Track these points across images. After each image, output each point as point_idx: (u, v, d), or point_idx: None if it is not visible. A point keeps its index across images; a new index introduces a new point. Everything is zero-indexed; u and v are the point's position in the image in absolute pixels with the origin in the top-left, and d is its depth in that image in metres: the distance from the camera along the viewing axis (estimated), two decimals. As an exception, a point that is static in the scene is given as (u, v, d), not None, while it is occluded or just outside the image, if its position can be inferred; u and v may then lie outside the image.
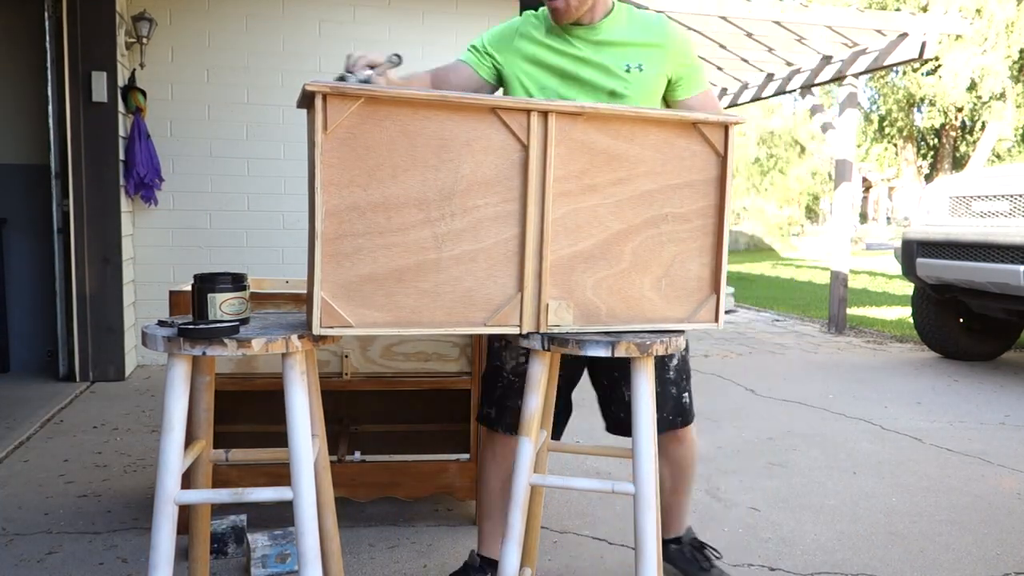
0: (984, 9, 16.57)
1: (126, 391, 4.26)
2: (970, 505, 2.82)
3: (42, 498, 2.69)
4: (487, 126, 1.45)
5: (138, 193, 4.62)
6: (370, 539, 2.41)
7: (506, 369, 1.96)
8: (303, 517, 1.46)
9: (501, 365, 1.97)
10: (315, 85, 1.36)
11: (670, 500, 2.14)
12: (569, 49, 1.88)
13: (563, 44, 1.89)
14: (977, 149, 20.05)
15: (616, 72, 1.86)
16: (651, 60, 1.88)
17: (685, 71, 1.92)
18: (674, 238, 1.58)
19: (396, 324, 1.46)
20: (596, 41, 1.88)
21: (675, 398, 2.00)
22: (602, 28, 1.88)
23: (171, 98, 4.77)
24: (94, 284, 4.41)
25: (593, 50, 1.88)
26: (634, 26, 1.91)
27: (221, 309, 1.50)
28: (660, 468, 2.04)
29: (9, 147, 4.56)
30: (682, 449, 2.08)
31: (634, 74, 1.87)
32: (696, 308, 1.61)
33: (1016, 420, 4.06)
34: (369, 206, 1.41)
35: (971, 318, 5.68)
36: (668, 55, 1.88)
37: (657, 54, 1.88)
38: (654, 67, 1.88)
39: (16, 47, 4.51)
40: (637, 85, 1.86)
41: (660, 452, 2.02)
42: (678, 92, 1.93)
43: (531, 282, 1.50)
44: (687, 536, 2.19)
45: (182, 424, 1.45)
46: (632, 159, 1.54)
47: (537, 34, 1.91)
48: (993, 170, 5.59)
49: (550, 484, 1.65)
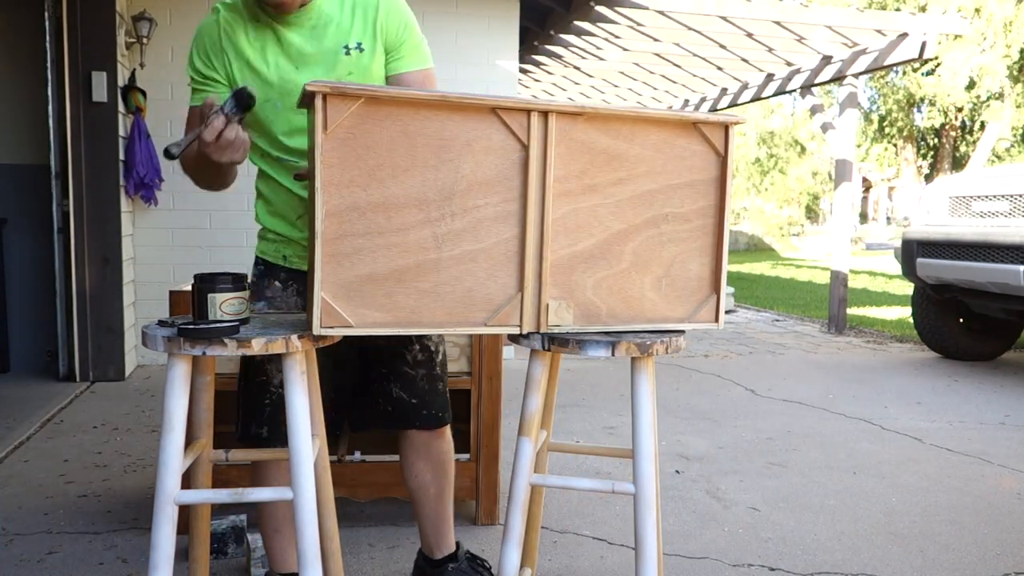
0: (983, 8, 16.57)
1: (126, 391, 4.26)
2: (970, 505, 2.82)
3: (42, 498, 2.68)
4: (487, 126, 1.45)
5: (138, 193, 4.62)
6: (370, 539, 2.41)
7: (273, 384, 1.77)
8: (303, 517, 1.46)
9: (268, 380, 1.77)
10: (315, 85, 1.36)
11: (437, 508, 1.99)
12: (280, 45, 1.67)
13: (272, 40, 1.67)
14: (977, 149, 20.05)
15: (336, 61, 1.67)
16: (367, 34, 1.69)
17: (397, 39, 1.71)
18: (674, 238, 1.58)
19: (396, 324, 1.46)
20: (311, 26, 1.68)
21: (443, 393, 1.95)
22: (313, 7, 1.66)
23: (171, 98, 4.77)
24: (94, 284, 4.41)
25: (308, 38, 1.67)
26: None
27: (221, 309, 1.50)
28: (421, 472, 1.96)
29: (9, 147, 4.56)
30: (444, 445, 1.98)
31: (354, 56, 1.68)
32: (696, 308, 1.61)
33: (1016, 420, 4.06)
34: (369, 206, 1.41)
35: (971, 318, 5.68)
36: (379, 20, 1.69)
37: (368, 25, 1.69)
38: (370, 41, 1.69)
39: (16, 47, 4.51)
40: (361, 69, 1.69)
41: (422, 453, 1.95)
42: (391, 64, 1.73)
43: (531, 282, 1.50)
44: (462, 551, 2.05)
45: (182, 424, 1.45)
46: (632, 159, 1.54)
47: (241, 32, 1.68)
48: (993, 170, 5.58)
49: (550, 484, 1.65)
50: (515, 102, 1.46)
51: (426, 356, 1.91)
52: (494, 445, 2.48)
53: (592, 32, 6.54)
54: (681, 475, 3.05)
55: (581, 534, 2.51)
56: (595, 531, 2.53)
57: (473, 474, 2.48)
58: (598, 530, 2.53)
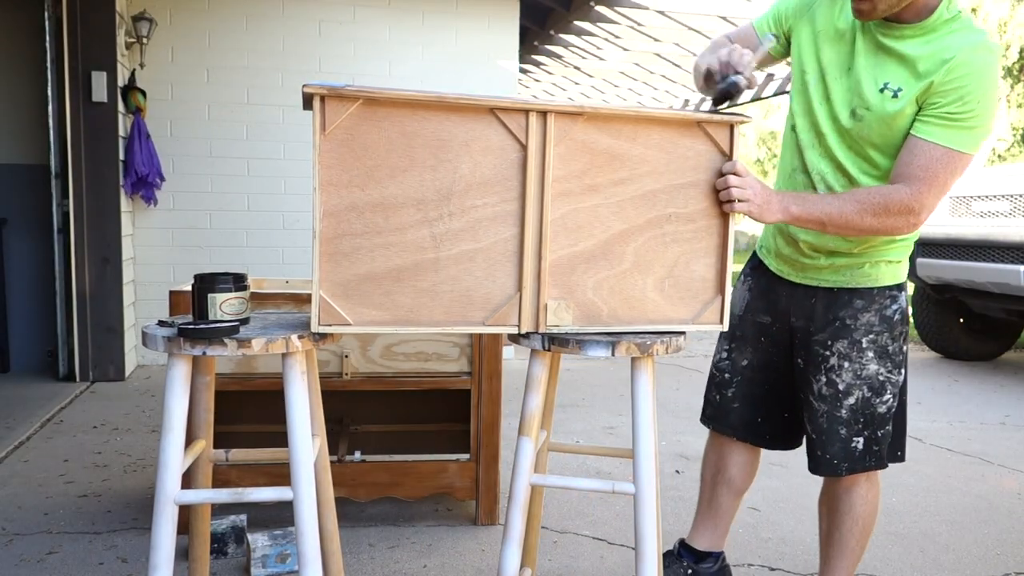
0: (980, 8, 16.58)
1: (126, 391, 4.26)
2: (970, 505, 2.82)
3: (42, 498, 2.68)
4: (485, 126, 1.45)
5: (138, 193, 4.62)
6: (370, 539, 2.41)
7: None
8: (303, 517, 1.46)
9: None
10: (313, 87, 1.36)
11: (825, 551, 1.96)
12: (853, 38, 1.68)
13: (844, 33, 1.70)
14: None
15: (864, 90, 1.66)
16: (911, 86, 1.62)
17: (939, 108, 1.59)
18: (678, 238, 1.58)
19: (394, 323, 1.46)
20: (878, 44, 1.66)
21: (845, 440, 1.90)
22: (907, 32, 1.63)
23: (171, 98, 4.77)
24: (94, 284, 4.40)
25: (867, 53, 1.67)
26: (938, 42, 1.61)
27: (221, 309, 1.50)
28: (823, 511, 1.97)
29: (9, 147, 4.56)
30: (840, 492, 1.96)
31: (885, 97, 1.64)
32: (701, 309, 1.61)
33: (1016, 420, 4.06)
34: (367, 206, 1.42)
35: (971, 318, 5.68)
36: (933, 85, 1.59)
37: (922, 84, 1.60)
38: (907, 96, 1.62)
39: (16, 47, 4.51)
40: (878, 110, 1.64)
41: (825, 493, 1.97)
42: (918, 125, 1.62)
43: (530, 282, 1.50)
44: None
45: (182, 424, 1.45)
46: (634, 159, 1.53)
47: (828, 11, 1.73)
48: (993, 170, 5.58)
49: (550, 484, 1.65)
50: (513, 102, 1.46)
51: (831, 392, 1.82)
52: (494, 445, 2.48)
53: (592, 32, 6.55)
54: (681, 475, 3.05)
55: (581, 534, 2.50)
56: (595, 531, 2.53)
57: (473, 474, 2.48)
58: (598, 530, 2.53)
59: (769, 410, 1.98)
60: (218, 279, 1.51)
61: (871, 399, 1.80)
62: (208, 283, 1.50)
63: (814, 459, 1.87)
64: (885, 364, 1.80)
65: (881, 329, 1.80)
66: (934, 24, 1.62)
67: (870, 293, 1.80)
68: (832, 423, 1.81)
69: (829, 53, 1.73)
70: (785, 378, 1.93)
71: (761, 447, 2.04)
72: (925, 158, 1.61)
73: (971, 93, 1.57)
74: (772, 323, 1.91)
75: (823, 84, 1.73)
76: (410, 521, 2.55)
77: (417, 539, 2.42)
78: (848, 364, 1.80)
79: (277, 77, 4.89)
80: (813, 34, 1.76)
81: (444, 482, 2.47)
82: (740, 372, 1.98)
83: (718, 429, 2.04)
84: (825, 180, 1.75)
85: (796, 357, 1.89)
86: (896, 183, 1.65)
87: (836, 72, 1.72)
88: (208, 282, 1.50)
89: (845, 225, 1.64)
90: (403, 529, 2.49)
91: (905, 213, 1.62)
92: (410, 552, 2.33)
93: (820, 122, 1.74)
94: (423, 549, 2.35)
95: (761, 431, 1.99)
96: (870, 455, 1.82)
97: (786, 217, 1.64)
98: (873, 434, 1.82)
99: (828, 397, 1.82)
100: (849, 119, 1.69)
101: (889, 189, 1.64)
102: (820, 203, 1.64)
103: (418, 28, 5.03)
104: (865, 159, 1.71)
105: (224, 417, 2.39)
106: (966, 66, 1.57)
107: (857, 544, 1.89)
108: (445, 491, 2.48)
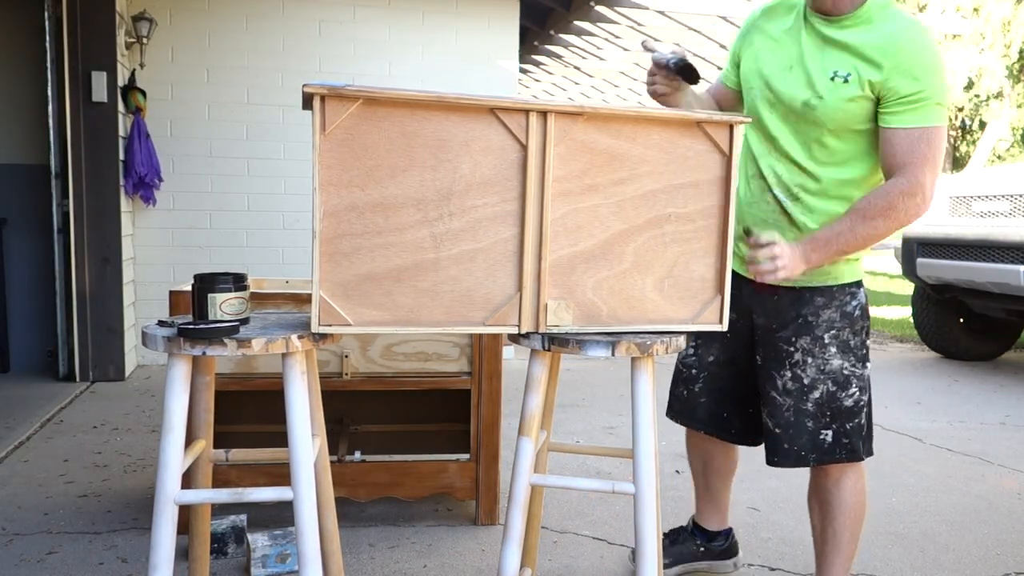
0: (982, 8, 16.57)
1: (126, 391, 4.26)
2: (970, 505, 2.82)
3: (42, 498, 2.68)
4: (485, 126, 1.45)
5: (138, 193, 4.62)
6: (370, 539, 2.41)
7: None
8: (303, 517, 1.46)
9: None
10: (313, 87, 1.36)
11: (820, 547, 1.98)
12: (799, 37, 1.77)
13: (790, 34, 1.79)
14: (977, 149, 20.04)
15: (815, 80, 1.72)
16: (857, 70, 1.69)
17: (897, 94, 1.66)
18: (677, 238, 1.58)
19: (394, 323, 1.46)
20: (823, 37, 1.74)
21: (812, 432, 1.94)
22: (847, 22, 1.71)
23: (171, 98, 4.77)
24: (94, 284, 4.40)
25: (814, 47, 1.75)
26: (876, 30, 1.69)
27: (221, 309, 1.50)
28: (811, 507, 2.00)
29: (9, 147, 4.56)
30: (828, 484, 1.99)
31: (836, 84, 1.70)
32: (700, 309, 1.61)
33: (1016, 420, 4.06)
34: (367, 206, 1.42)
35: (971, 318, 5.67)
36: (883, 72, 1.66)
37: (872, 71, 1.67)
38: (855, 79, 1.69)
39: (16, 47, 4.51)
40: (831, 97, 1.71)
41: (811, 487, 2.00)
42: (886, 117, 1.69)
43: (530, 282, 1.50)
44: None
45: (182, 424, 1.45)
46: (634, 159, 1.53)
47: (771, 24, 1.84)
48: (993, 170, 5.59)
49: (550, 484, 1.65)
50: (513, 102, 1.46)
51: (796, 386, 1.87)
52: (494, 445, 2.48)
53: (592, 32, 6.55)
54: (681, 475, 3.05)
55: (581, 534, 2.50)
56: (595, 531, 2.53)
57: (473, 474, 2.48)
58: (598, 530, 2.53)
59: (735, 405, 2.03)
60: (218, 279, 1.51)
61: (836, 393, 1.85)
62: (208, 283, 1.50)
63: (779, 452, 1.90)
64: (848, 358, 1.85)
65: (842, 325, 1.85)
66: (868, 13, 1.71)
67: (830, 291, 1.86)
68: (799, 416, 1.86)
69: (771, 61, 1.82)
70: (748, 373, 1.98)
71: (728, 442, 2.09)
72: (906, 144, 1.68)
73: (918, 68, 1.65)
74: (736, 319, 1.94)
75: (768, 91, 1.81)
76: (410, 521, 2.55)
77: (417, 539, 2.42)
78: (811, 360, 1.85)
79: (277, 77, 4.89)
80: (754, 53, 1.86)
81: (444, 482, 2.47)
82: (706, 368, 2.03)
83: (685, 424, 2.10)
84: (781, 180, 1.82)
85: (756, 353, 1.94)
86: (887, 179, 1.73)
87: (780, 73, 1.80)
88: (208, 282, 1.50)
89: (863, 242, 1.71)
90: (403, 529, 2.49)
91: (910, 197, 1.68)
92: (410, 552, 2.33)
93: (770, 127, 1.82)
94: (423, 549, 2.35)
95: (727, 426, 2.05)
96: (839, 447, 1.86)
97: (809, 266, 1.71)
98: (842, 427, 1.85)
99: (793, 391, 1.86)
100: (803, 108, 1.75)
101: (884, 187, 1.71)
102: (833, 238, 1.71)
103: (418, 28, 5.03)
104: (820, 144, 1.77)
105: (224, 417, 2.39)
106: (908, 45, 1.66)
107: (851, 537, 1.93)
108: (445, 491, 2.48)
